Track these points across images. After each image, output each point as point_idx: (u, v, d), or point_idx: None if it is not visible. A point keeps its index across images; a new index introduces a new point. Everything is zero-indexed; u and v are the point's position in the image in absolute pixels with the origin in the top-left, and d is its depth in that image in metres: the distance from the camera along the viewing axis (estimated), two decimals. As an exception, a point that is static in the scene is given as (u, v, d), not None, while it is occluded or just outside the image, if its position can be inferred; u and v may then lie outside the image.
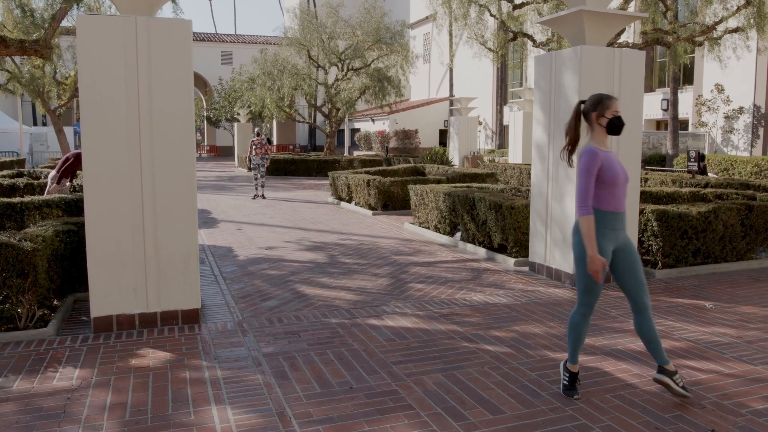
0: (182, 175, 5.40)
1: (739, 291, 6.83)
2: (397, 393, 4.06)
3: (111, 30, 5.12)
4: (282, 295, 6.58)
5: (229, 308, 6.11)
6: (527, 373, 4.40)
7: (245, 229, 11.35)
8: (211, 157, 48.17)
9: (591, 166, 3.75)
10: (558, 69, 7.18)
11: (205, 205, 15.42)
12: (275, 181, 23.06)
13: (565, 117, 7.02)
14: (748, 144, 22.72)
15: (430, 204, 10.57)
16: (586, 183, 3.74)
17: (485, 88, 37.13)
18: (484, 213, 8.77)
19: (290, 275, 7.54)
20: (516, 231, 8.24)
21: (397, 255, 8.86)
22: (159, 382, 4.22)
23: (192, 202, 5.47)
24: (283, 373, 4.40)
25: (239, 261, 8.44)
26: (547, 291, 6.84)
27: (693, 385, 4.18)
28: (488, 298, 6.50)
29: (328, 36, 29.70)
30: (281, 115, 31.82)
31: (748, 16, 14.50)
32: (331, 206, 15.23)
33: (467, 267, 8.08)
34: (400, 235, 10.63)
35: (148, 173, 5.30)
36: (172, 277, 5.45)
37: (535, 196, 7.67)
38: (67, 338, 5.14)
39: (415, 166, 18.76)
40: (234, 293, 6.70)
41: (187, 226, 5.46)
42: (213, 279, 7.37)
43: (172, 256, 5.43)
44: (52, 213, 8.17)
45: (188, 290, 5.52)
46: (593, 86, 6.89)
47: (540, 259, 7.62)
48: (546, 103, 7.42)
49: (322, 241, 10.00)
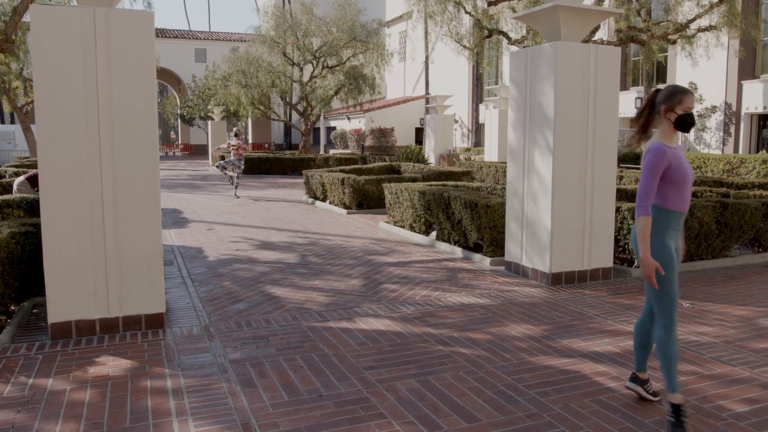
0: (145, 171, 5.16)
1: (716, 289, 6.78)
2: (369, 401, 3.88)
3: (68, 21, 4.86)
4: (252, 298, 6.37)
5: (197, 312, 5.88)
6: (503, 378, 4.26)
7: (217, 229, 11.08)
8: (185, 155, 47.50)
9: (657, 165, 3.47)
10: (533, 65, 7.07)
11: (176, 205, 15.10)
12: (249, 180, 22.73)
13: (540, 114, 6.91)
14: (720, 142, 22.96)
15: (405, 203, 10.41)
16: (650, 183, 3.47)
17: (461, 86, 37.11)
18: (459, 212, 8.64)
19: (261, 276, 7.33)
20: (492, 230, 8.12)
21: (371, 255, 8.69)
22: (118, 393, 4.00)
23: (155, 199, 5.23)
24: (250, 380, 4.20)
25: (209, 262, 8.20)
26: (523, 291, 6.72)
27: (672, 388, 4.08)
28: (464, 299, 6.36)
29: (303, 33, 29.39)
30: (256, 113, 31.44)
31: (722, 14, 14.57)
32: (305, 205, 15.00)
33: (443, 267, 7.94)
34: (374, 235, 10.46)
35: (108, 169, 5.04)
36: (134, 279, 5.21)
37: (510, 195, 7.55)
38: (22, 346, 4.87)
39: (390, 165, 18.60)
40: (202, 296, 6.47)
41: (150, 225, 5.23)
42: (181, 281, 7.12)
43: (134, 257, 5.18)
44: (13, 213, 7.85)
45: (152, 293, 5.28)
46: (569, 82, 6.79)
47: (516, 259, 7.50)
48: (521, 100, 7.31)
49: (295, 242, 9.79)
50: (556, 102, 6.74)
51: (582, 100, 6.90)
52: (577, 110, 6.88)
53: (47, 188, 4.91)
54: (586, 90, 6.91)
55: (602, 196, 7.13)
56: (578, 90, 6.86)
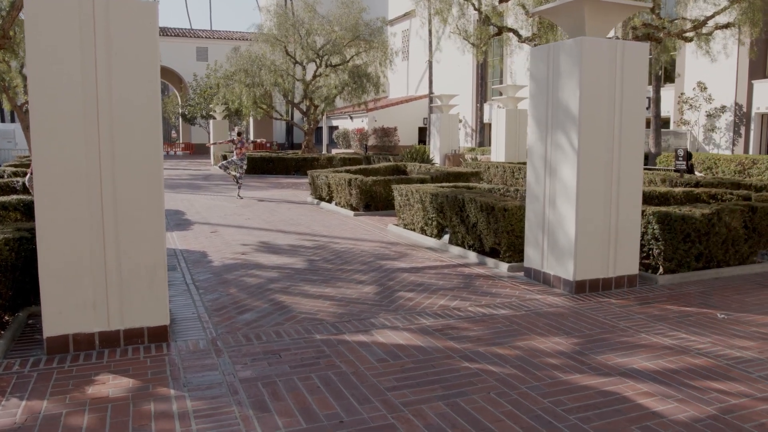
0: (148, 175, 4.81)
1: (748, 298, 6.43)
2: (395, 428, 3.53)
3: (65, 9, 4.50)
4: (260, 307, 6.02)
5: (202, 323, 5.53)
6: (539, 400, 3.91)
7: (221, 232, 10.73)
8: (186, 154, 47.14)
9: None
10: (556, 62, 6.71)
11: (179, 206, 14.75)
12: (252, 180, 22.38)
13: (564, 112, 6.56)
14: (730, 142, 22.59)
15: (416, 205, 10.05)
16: None
17: (465, 85, 36.75)
18: (474, 215, 8.28)
19: (269, 283, 6.98)
20: (509, 234, 7.76)
21: (383, 260, 8.33)
22: (118, 417, 3.64)
23: (159, 205, 4.88)
24: (263, 403, 3.84)
25: (214, 267, 7.85)
26: (546, 300, 6.36)
27: (726, 413, 3.72)
28: (485, 309, 6.00)
29: (306, 31, 29.02)
30: (258, 112, 31.09)
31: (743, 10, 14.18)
32: (310, 206, 14.64)
33: (458, 273, 7.58)
34: (384, 238, 10.10)
35: (108, 172, 4.69)
36: (136, 290, 4.86)
37: (530, 198, 7.20)
38: (16, 362, 4.52)
39: (396, 165, 18.25)
40: (208, 305, 6.11)
41: (153, 232, 4.88)
42: (185, 288, 6.78)
43: (136, 266, 4.83)
44: (10, 216, 7.51)
45: (155, 305, 4.93)
46: (595, 80, 6.43)
47: (536, 265, 7.15)
48: (542, 98, 6.95)
49: (302, 245, 9.44)
50: (581, 100, 6.39)
51: (608, 99, 6.54)
52: (603, 109, 6.52)
53: (42, 191, 4.55)
54: (612, 88, 6.55)
55: (628, 199, 6.77)
56: (604, 87, 6.50)
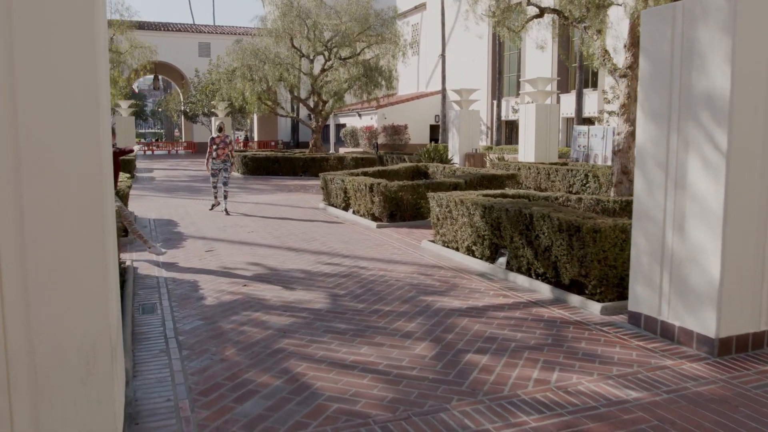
0: (78, 195, 2.85)
1: None
2: None
3: None
4: (269, 387, 4.04)
5: (180, 419, 3.57)
6: None
7: (218, 250, 8.77)
8: (188, 153, 45.22)
9: None
10: (689, 28, 4.73)
11: (172, 214, 12.79)
12: (255, 183, 20.42)
13: (703, 100, 4.56)
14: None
15: (459, 219, 8.06)
16: None
17: (479, 80, 34.74)
18: (548, 236, 6.30)
19: (279, 338, 5.01)
20: (601, 264, 5.79)
21: (428, 294, 6.36)
22: None
23: (102, 246, 2.91)
24: None
25: (206, 308, 5.88)
26: (683, 369, 4.38)
27: None
28: (602, 388, 4.02)
29: (313, 22, 26.99)
30: (262, 109, 29.11)
31: None
32: (323, 214, 12.66)
33: (535, 316, 5.61)
34: (421, 260, 8.12)
35: (9, 195, 2.73)
36: (60, 390, 2.89)
37: (641, 217, 5.22)
38: None
39: (416, 166, 16.30)
40: (191, 380, 4.15)
41: (91, 291, 2.91)
42: (162, 347, 4.81)
43: (60, 351, 2.87)
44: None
45: (94, 411, 2.97)
46: (757, 53, 4.45)
47: (649, 310, 5.17)
48: (662, 81, 4.97)
49: (320, 270, 7.46)
50: (734, 82, 4.40)
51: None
52: (763, 97, 4.54)
53: None
54: (774, 62, 4.57)
55: (787, 221, 4.79)
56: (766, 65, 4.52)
